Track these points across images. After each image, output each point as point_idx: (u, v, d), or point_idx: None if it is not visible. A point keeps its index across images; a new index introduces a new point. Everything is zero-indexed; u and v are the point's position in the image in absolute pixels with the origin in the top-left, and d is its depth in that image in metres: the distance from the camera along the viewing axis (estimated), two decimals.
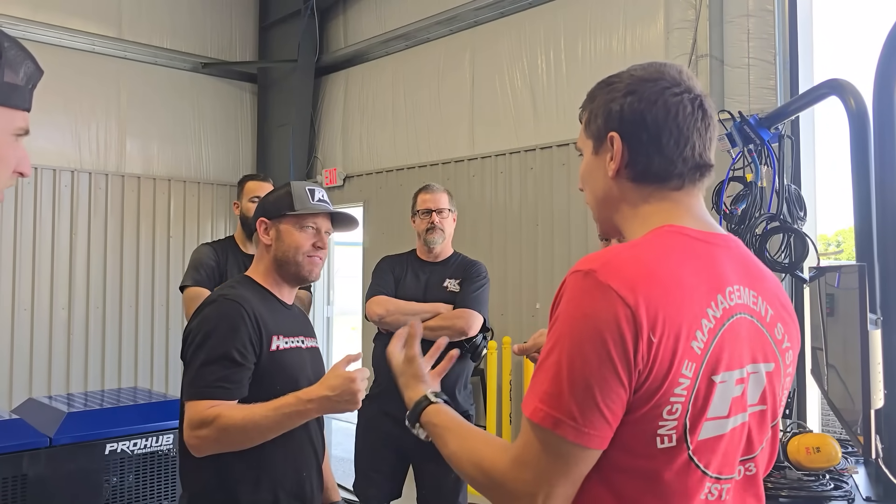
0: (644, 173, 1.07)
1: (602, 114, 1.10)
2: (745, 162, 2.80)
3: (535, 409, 0.95)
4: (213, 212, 7.19)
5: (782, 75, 4.17)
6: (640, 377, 0.93)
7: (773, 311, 1.08)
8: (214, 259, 3.02)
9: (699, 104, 1.06)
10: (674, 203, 1.08)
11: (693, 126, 1.06)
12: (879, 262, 2.15)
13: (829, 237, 6.26)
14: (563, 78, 5.24)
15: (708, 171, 1.09)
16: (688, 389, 0.95)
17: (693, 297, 0.97)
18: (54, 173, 6.23)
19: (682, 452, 0.97)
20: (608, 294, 0.93)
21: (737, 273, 1.05)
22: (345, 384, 1.64)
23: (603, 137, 1.10)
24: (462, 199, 5.25)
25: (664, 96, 1.06)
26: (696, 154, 1.06)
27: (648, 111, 1.05)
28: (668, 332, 0.93)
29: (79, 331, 6.29)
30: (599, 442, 0.94)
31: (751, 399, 1.04)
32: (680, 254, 1.01)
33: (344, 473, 4.95)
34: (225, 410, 1.64)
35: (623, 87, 1.09)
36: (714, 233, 1.08)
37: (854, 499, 2.03)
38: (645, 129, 1.06)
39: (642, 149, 1.06)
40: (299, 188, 1.89)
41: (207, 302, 1.81)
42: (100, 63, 6.54)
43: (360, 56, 6.90)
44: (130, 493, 2.90)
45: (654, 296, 0.93)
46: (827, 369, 2.41)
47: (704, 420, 0.97)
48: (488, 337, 3.01)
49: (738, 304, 1.02)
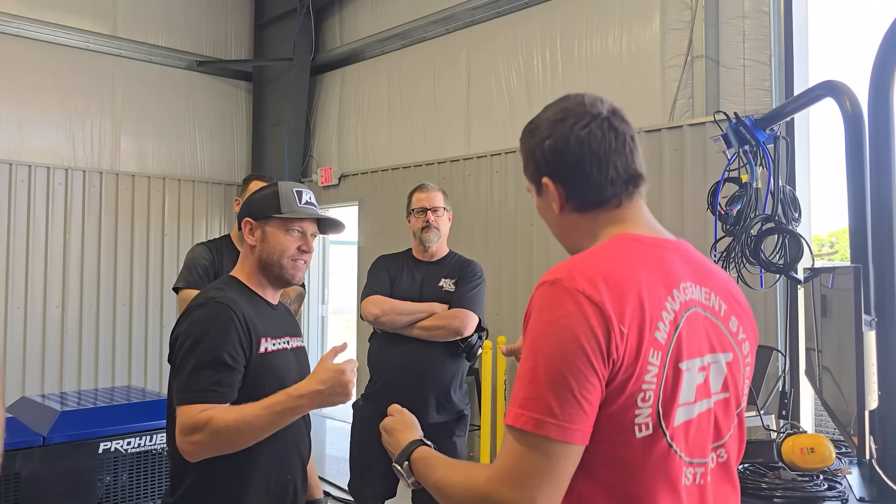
0: (584, 204, 1.17)
1: (532, 161, 1.21)
2: (741, 163, 2.81)
3: (516, 415, 1.00)
4: (208, 210, 7.17)
5: (778, 77, 4.19)
6: (614, 367, 1.00)
7: (726, 306, 1.17)
8: (209, 259, 3.01)
9: (608, 126, 1.15)
10: (621, 221, 1.17)
11: (609, 149, 1.14)
12: (874, 264, 2.16)
13: (823, 238, 6.29)
14: (560, 78, 5.24)
15: (639, 180, 1.18)
16: (657, 377, 1.03)
17: (651, 291, 1.06)
18: (48, 171, 6.20)
19: (660, 439, 1.04)
20: (576, 296, 1.01)
21: (687, 272, 1.14)
22: (335, 376, 1.63)
23: (539, 182, 1.20)
24: (457, 199, 5.25)
25: (574, 132, 1.15)
26: (620, 171, 1.15)
27: (565, 150, 1.15)
28: (634, 323, 1.01)
29: (72, 329, 6.27)
30: (581, 437, 0.99)
31: (714, 387, 1.13)
32: (632, 256, 1.10)
33: (339, 472, 4.95)
34: (216, 413, 1.62)
35: (540, 132, 1.19)
36: (663, 238, 1.18)
37: (848, 499, 2.03)
38: (567, 166, 1.16)
39: (572, 184, 1.16)
40: (286, 189, 1.85)
41: (196, 305, 1.78)
42: (94, 60, 6.51)
43: (355, 55, 6.89)
44: (124, 491, 2.89)
45: (616, 291, 1.02)
46: (821, 370, 2.42)
47: (676, 406, 1.05)
48: (483, 337, 3.01)
49: (692, 300, 1.12)
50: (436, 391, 2.85)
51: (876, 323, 2.06)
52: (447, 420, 2.88)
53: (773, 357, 2.83)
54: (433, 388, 2.85)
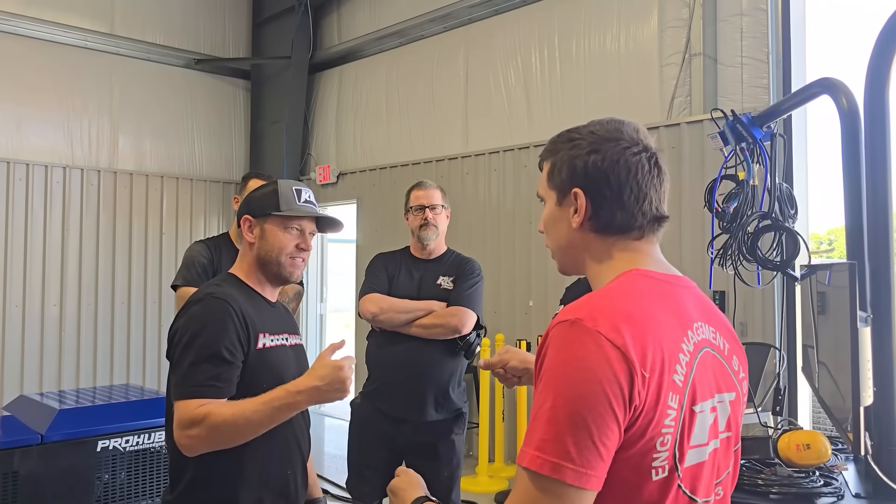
0: (607, 226, 1.15)
1: (566, 169, 1.18)
2: (738, 160, 2.81)
3: (532, 457, 0.98)
4: (206, 208, 7.17)
5: (775, 74, 4.19)
6: (634, 412, 0.98)
7: (729, 345, 1.18)
8: (207, 257, 3.01)
9: (654, 162, 1.15)
10: (636, 252, 1.16)
11: (650, 183, 1.14)
12: (870, 261, 2.17)
13: (822, 236, 6.30)
14: (558, 76, 5.25)
15: (664, 221, 1.18)
16: (675, 420, 1.02)
17: (668, 333, 1.05)
18: (46, 169, 6.20)
19: (673, 482, 1.03)
20: (597, 339, 0.98)
21: (697, 311, 1.15)
22: (333, 373, 1.64)
23: (567, 191, 1.17)
24: (455, 197, 5.25)
25: (625, 156, 1.13)
26: (653, 208, 1.15)
27: (611, 170, 1.13)
28: (655, 367, 1.00)
29: (70, 327, 6.27)
30: (596, 483, 0.97)
31: (720, 426, 1.13)
32: (650, 295, 1.10)
33: (337, 471, 4.95)
34: (214, 408, 1.63)
35: (586, 144, 1.16)
36: (675, 275, 1.17)
37: (843, 495, 2.04)
38: (608, 186, 1.14)
39: (605, 204, 1.14)
40: (286, 188, 1.87)
41: (194, 300, 1.79)
42: (92, 59, 6.51)
43: (353, 53, 6.89)
44: (122, 489, 2.89)
45: (638, 335, 1.00)
46: (818, 367, 2.43)
47: (688, 448, 1.05)
48: (482, 335, 3.01)
49: (703, 340, 1.12)
50: (434, 389, 2.85)
51: (871, 319, 2.07)
52: (445, 418, 2.88)
53: (770, 354, 2.84)
54: (431, 386, 2.85)
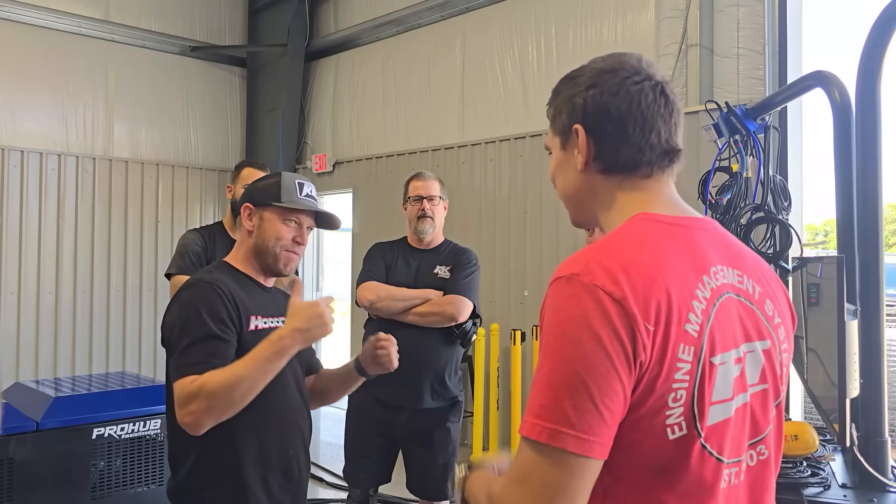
0: (612, 164, 1.07)
1: (566, 108, 1.10)
2: (732, 152, 2.82)
3: (531, 425, 0.92)
4: (202, 197, 7.16)
5: (771, 65, 4.19)
6: (641, 369, 0.91)
7: (760, 289, 1.07)
8: (201, 245, 3.02)
9: (660, 90, 1.07)
10: (645, 191, 1.08)
11: (657, 113, 1.06)
12: (860, 254, 2.18)
13: (818, 227, 6.33)
14: (554, 65, 5.23)
15: (677, 155, 1.09)
16: (690, 374, 0.94)
17: (679, 279, 0.96)
18: (41, 157, 6.18)
19: (694, 441, 0.95)
20: (594, 292, 0.91)
21: (718, 254, 1.04)
22: (309, 310, 1.70)
23: (568, 132, 1.10)
24: (452, 186, 5.25)
25: (625, 86, 1.06)
26: (662, 140, 1.06)
27: (611, 102, 1.06)
28: (661, 318, 0.92)
29: (66, 315, 6.28)
30: (600, 450, 0.91)
31: (750, 379, 1.03)
32: (655, 241, 1.00)
33: (333, 458, 4.98)
34: (207, 378, 1.64)
35: (585, 80, 1.09)
36: (690, 216, 1.08)
37: (830, 485, 2.06)
38: (609, 120, 1.06)
39: (608, 140, 1.06)
40: (289, 180, 1.90)
41: (185, 287, 1.83)
42: (87, 45, 6.47)
43: (350, 41, 6.86)
44: (117, 477, 2.91)
45: (640, 285, 0.92)
46: (807, 358, 2.45)
47: (710, 404, 0.96)
48: (478, 323, 3.03)
49: (724, 284, 1.02)
50: (431, 377, 2.87)
51: (860, 312, 2.09)
52: (442, 406, 2.91)
53: None
54: (428, 373, 2.87)
